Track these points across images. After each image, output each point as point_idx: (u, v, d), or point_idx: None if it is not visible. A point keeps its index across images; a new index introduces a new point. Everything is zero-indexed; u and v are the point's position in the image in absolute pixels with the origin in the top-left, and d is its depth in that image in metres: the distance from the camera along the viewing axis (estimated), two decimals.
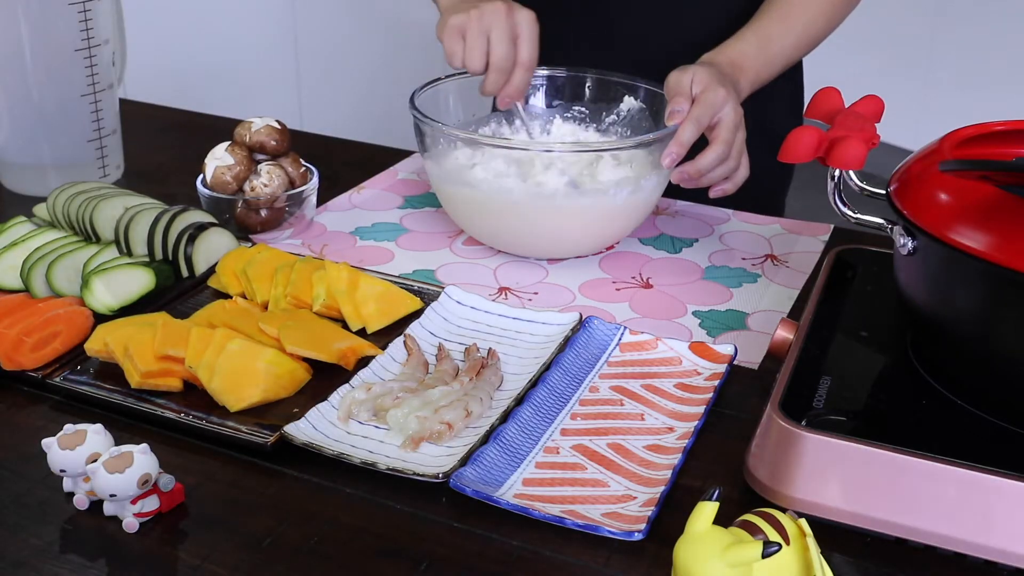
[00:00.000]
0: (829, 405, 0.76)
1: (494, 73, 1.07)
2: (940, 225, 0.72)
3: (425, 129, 1.08)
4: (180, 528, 0.73)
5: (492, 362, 0.89)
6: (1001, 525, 0.68)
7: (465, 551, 0.71)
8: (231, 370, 0.83)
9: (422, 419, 0.80)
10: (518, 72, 1.08)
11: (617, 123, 1.21)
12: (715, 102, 1.05)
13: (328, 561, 0.70)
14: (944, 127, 0.84)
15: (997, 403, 0.75)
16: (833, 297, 0.89)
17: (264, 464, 0.79)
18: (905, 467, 0.69)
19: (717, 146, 1.06)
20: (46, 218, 1.09)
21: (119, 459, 0.71)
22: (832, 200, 0.81)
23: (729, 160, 1.09)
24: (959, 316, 0.74)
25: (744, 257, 1.11)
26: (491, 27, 1.06)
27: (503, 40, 1.06)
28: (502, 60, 1.06)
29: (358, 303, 0.95)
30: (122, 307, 0.95)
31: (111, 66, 1.25)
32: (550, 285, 1.06)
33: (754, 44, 1.16)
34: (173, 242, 1.02)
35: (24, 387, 0.88)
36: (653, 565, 0.70)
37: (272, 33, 2.90)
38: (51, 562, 0.70)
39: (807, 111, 0.87)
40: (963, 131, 0.81)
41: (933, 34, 3.36)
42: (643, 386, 0.87)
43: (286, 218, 1.13)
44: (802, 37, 1.19)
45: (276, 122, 1.14)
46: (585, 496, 0.75)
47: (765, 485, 0.73)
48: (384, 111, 2.52)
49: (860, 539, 0.72)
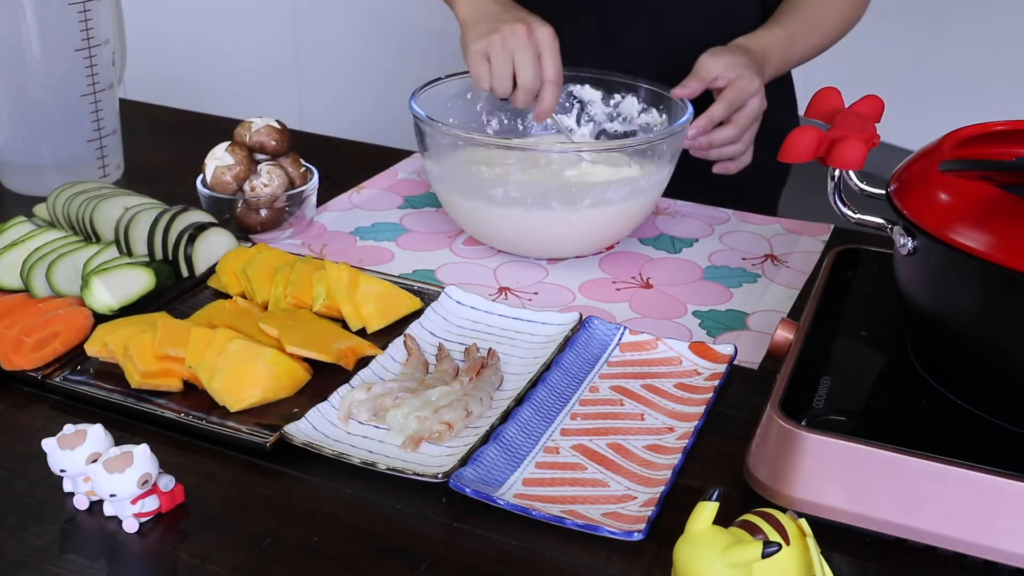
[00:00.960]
0: (829, 405, 0.76)
1: (523, 94, 1.10)
2: (940, 225, 0.72)
3: (425, 129, 1.08)
4: (180, 528, 0.73)
5: (492, 362, 0.89)
6: (1001, 525, 0.68)
7: (465, 551, 0.71)
8: (231, 370, 0.83)
9: (422, 419, 0.80)
10: (547, 89, 1.11)
11: (618, 123, 1.21)
12: (748, 90, 1.12)
13: (328, 561, 0.70)
14: (944, 127, 0.84)
15: (997, 403, 0.75)
16: (833, 297, 0.89)
17: (264, 464, 0.79)
18: (905, 467, 0.69)
19: (732, 128, 1.14)
20: (46, 218, 1.09)
21: (119, 459, 0.71)
22: (832, 200, 0.81)
23: (738, 144, 1.15)
24: (959, 316, 0.74)
25: (744, 257, 1.11)
26: (515, 50, 1.08)
27: (528, 62, 1.08)
28: (530, 82, 1.09)
29: (358, 303, 0.95)
30: (122, 307, 0.95)
31: (111, 66, 1.25)
32: (550, 285, 1.06)
33: (782, 40, 1.22)
34: (173, 242, 1.02)
35: (24, 387, 0.88)
36: (653, 565, 0.70)
37: (272, 33, 2.90)
38: (51, 562, 0.70)
39: (807, 111, 0.87)
40: (963, 131, 0.81)
41: (933, 34, 3.36)
42: (643, 386, 0.87)
43: (286, 218, 1.13)
44: (819, 42, 1.26)
45: (276, 122, 1.14)
46: (585, 496, 0.75)
47: (765, 485, 0.73)
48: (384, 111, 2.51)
49: (860, 539, 0.72)
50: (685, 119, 1.08)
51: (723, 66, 1.12)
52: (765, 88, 1.20)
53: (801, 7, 1.25)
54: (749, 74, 1.12)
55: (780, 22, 1.23)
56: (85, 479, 0.73)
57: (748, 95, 1.12)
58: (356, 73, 2.97)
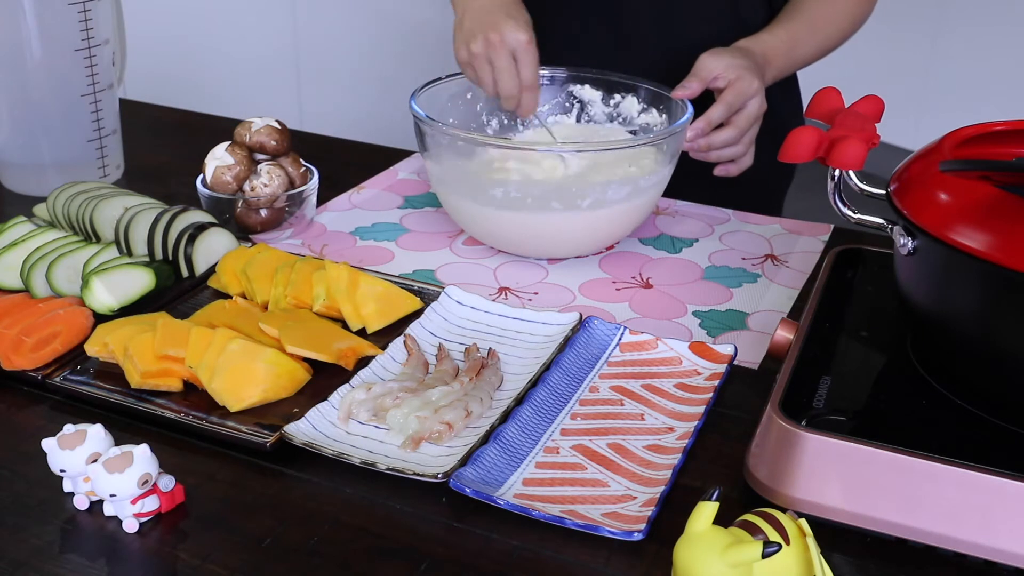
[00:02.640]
0: (829, 405, 0.76)
1: (505, 100, 1.14)
2: (940, 225, 0.72)
3: (425, 129, 1.08)
4: (180, 528, 0.73)
5: (492, 362, 0.89)
6: (1001, 525, 0.68)
7: (465, 551, 0.71)
8: (231, 370, 0.83)
9: (422, 419, 0.80)
10: (525, 95, 1.14)
11: (618, 123, 1.21)
12: (747, 92, 1.12)
13: (328, 561, 0.70)
14: (944, 127, 0.84)
15: (997, 403, 0.75)
16: (833, 297, 0.89)
17: (264, 464, 0.79)
18: (905, 467, 0.69)
19: (731, 130, 1.13)
20: (46, 218, 1.09)
21: (119, 459, 0.71)
22: (832, 200, 0.81)
23: (738, 146, 1.15)
24: (959, 316, 0.74)
25: (744, 257, 1.11)
26: (491, 57, 1.12)
27: (504, 70, 1.12)
28: (507, 89, 1.13)
29: (358, 303, 0.95)
30: (122, 307, 0.95)
31: (111, 66, 1.25)
32: (550, 285, 1.06)
33: (785, 42, 1.21)
34: (173, 242, 1.02)
35: (24, 387, 0.88)
36: (653, 565, 0.70)
37: (272, 33, 2.90)
38: (51, 562, 0.70)
39: (807, 111, 0.87)
40: (963, 131, 0.81)
41: (934, 34, 3.36)
42: (643, 386, 0.87)
43: (286, 218, 1.13)
44: (823, 45, 1.26)
45: (276, 122, 1.14)
46: (585, 496, 0.75)
47: (765, 485, 0.73)
48: (384, 111, 2.52)
49: (860, 539, 0.72)
50: (685, 119, 1.08)
51: (723, 66, 1.12)
52: (771, 89, 1.21)
53: (806, 9, 1.24)
54: (749, 75, 1.12)
55: (784, 24, 1.23)
56: (85, 479, 0.73)
57: (747, 97, 1.12)
58: (356, 73, 2.97)
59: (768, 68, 1.18)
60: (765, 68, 1.17)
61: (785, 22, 1.23)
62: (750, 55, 1.16)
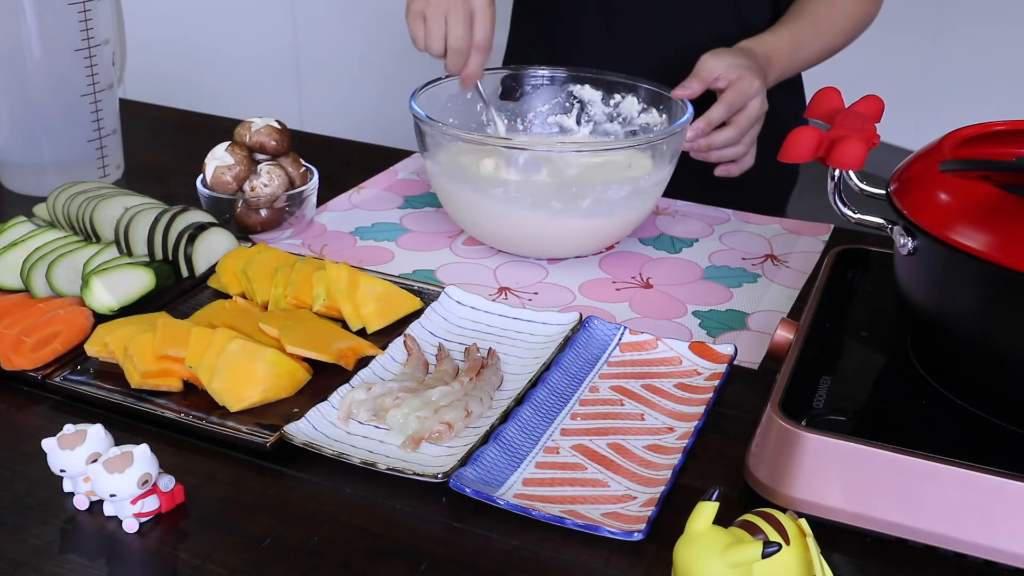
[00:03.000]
0: (829, 405, 0.76)
1: (452, 55, 1.12)
2: (940, 225, 0.72)
3: (425, 129, 1.08)
4: (180, 528, 0.73)
5: (492, 362, 0.89)
6: (1001, 525, 0.68)
7: (465, 551, 0.71)
8: (231, 370, 0.83)
9: (422, 419, 0.80)
10: (473, 55, 1.12)
11: (618, 123, 1.21)
12: (748, 92, 1.12)
13: (328, 561, 0.70)
14: (944, 127, 0.84)
15: (997, 403, 0.75)
16: (833, 297, 0.89)
17: (264, 464, 0.79)
18: (905, 467, 0.69)
19: (732, 129, 1.13)
20: (46, 218, 1.09)
21: (119, 459, 0.71)
22: (832, 200, 0.81)
23: (739, 146, 1.15)
24: (959, 316, 0.74)
25: (744, 257, 1.11)
26: (448, 11, 1.10)
27: (459, 23, 1.10)
28: (458, 41, 1.11)
29: (358, 303, 0.95)
30: (122, 307, 0.95)
31: (111, 66, 1.25)
32: (550, 285, 1.06)
33: (789, 43, 1.21)
34: (173, 242, 1.02)
35: (24, 387, 0.88)
36: (653, 565, 0.70)
37: (272, 33, 2.90)
38: (51, 562, 0.70)
39: (807, 111, 0.87)
40: (963, 131, 0.81)
41: (934, 34, 3.36)
42: (643, 386, 0.87)
43: (286, 218, 1.13)
44: (828, 46, 1.25)
45: (276, 122, 1.14)
46: (585, 496, 0.75)
47: (765, 485, 0.73)
48: (384, 111, 2.52)
49: (860, 539, 0.72)
50: (685, 119, 1.08)
51: (724, 66, 1.12)
52: (774, 90, 1.20)
53: (811, 10, 1.24)
54: (750, 76, 1.12)
55: (788, 25, 1.23)
56: (85, 479, 0.73)
57: (748, 97, 1.12)
58: (356, 73, 2.97)
59: (771, 69, 1.18)
60: (767, 69, 1.17)
61: (789, 23, 1.23)
62: (752, 55, 1.15)
